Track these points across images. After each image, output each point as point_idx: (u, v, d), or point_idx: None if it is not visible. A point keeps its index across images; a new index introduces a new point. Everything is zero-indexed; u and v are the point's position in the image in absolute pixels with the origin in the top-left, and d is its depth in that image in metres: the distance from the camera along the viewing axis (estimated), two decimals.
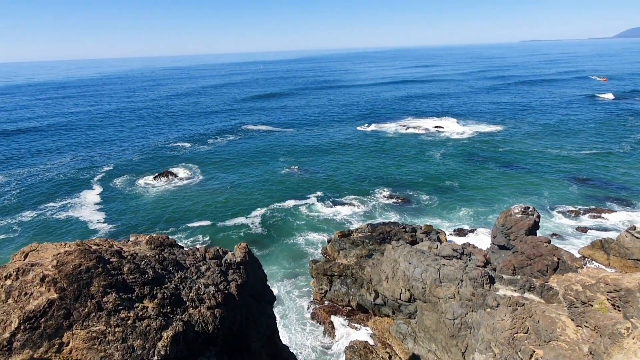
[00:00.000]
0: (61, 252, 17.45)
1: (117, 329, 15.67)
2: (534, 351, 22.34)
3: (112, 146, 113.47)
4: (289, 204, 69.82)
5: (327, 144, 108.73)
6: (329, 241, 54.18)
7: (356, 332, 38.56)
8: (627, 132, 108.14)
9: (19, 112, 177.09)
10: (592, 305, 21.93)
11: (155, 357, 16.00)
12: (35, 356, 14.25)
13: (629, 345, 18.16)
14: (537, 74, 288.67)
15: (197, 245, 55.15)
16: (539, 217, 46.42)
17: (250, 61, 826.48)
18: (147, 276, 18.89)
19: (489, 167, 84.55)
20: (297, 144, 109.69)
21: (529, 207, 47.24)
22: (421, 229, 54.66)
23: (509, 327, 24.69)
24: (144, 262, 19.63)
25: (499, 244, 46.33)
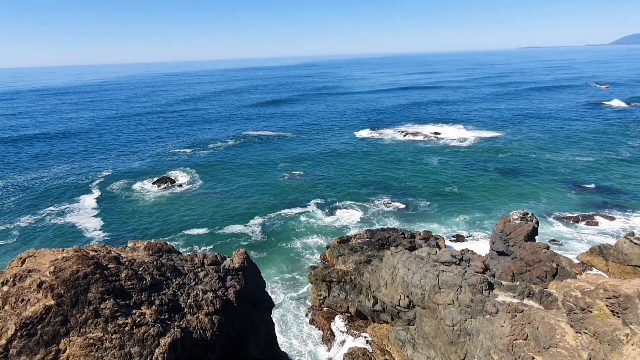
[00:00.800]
0: (59, 258, 17.40)
1: (114, 336, 15.59)
2: (534, 358, 22.26)
3: (111, 151, 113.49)
4: (287, 209, 69.76)
5: (326, 150, 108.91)
6: (327, 247, 54.08)
7: (355, 339, 38.36)
8: (627, 139, 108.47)
9: (19, 118, 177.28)
10: (591, 311, 21.89)
11: None
12: None
13: (628, 351, 18.11)
14: (537, 80, 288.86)
15: (195, 250, 55.06)
16: (537, 223, 46.47)
17: (249, 67, 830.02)
18: (145, 282, 18.83)
19: (488, 173, 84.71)
20: (296, 150, 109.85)
21: (527, 213, 47.29)
22: (420, 234, 54.62)
23: (508, 333, 24.61)
24: (142, 268, 19.58)
25: (498, 250, 46.30)
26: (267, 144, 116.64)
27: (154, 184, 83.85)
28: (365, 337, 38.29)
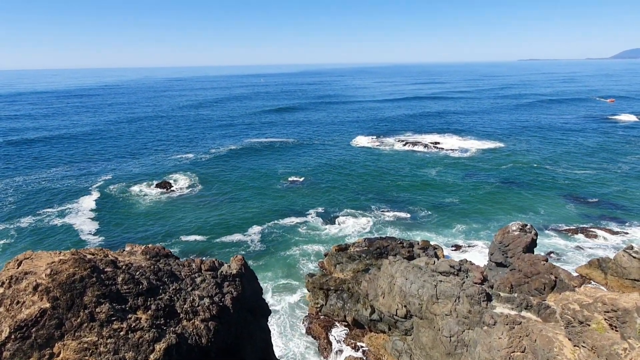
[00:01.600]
0: (55, 260, 17.33)
1: (109, 340, 15.48)
2: None
3: (112, 154, 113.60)
4: (286, 216, 69.65)
5: (327, 158, 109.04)
6: (325, 255, 53.91)
7: (351, 348, 38.08)
8: (629, 153, 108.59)
9: (21, 120, 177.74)
10: (589, 324, 21.77)
11: None
12: None
13: None
14: (540, 93, 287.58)
15: (192, 256, 54.82)
16: (536, 234, 46.38)
17: (251, 74, 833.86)
18: (141, 287, 18.73)
19: (488, 184, 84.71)
20: (296, 157, 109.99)
21: (526, 225, 47.22)
22: (418, 244, 54.48)
23: (506, 345, 24.46)
24: (138, 273, 19.49)
25: (497, 261, 46.16)
26: (268, 151, 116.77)
27: (153, 187, 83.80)
28: (362, 346, 38.02)
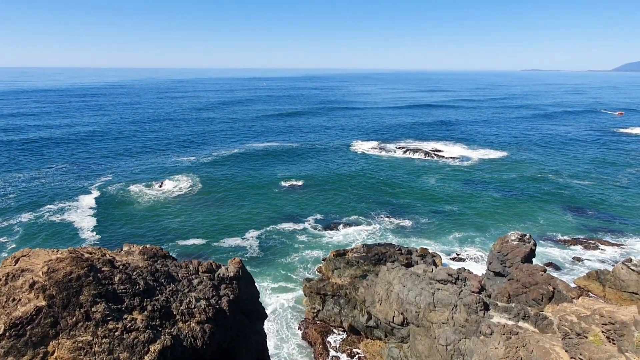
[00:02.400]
0: (53, 258, 17.28)
1: (104, 340, 15.40)
2: None
3: (113, 154, 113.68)
4: (285, 221, 69.60)
5: (327, 164, 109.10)
6: (323, 260, 53.79)
7: (347, 355, 37.87)
8: (631, 165, 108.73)
9: (23, 118, 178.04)
10: (586, 337, 21.67)
11: None
12: None
13: None
14: (545, 104, 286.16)
15: (189, 258, 54.67)
16: (535, 244, 46.29)
17: (253, 77, 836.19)
18: (138, 287, 18.66)
19: (488, 193, 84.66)
20: (296, 162, 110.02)
21: (525, 235, 47.15)
22: (417, 251, 54.35)
23: (502, 355, 24.33)
24: (135, 273, 19.43)
25: (495, 270, 46.02)
26: (268, 155, 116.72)
27: (153, 188, 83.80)
28: (357, 353, 37.83)
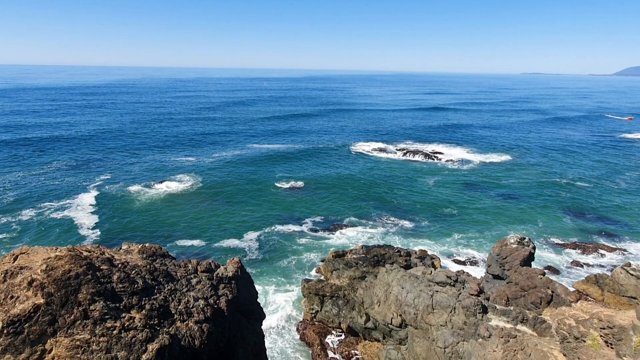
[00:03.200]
0: (51, 256, 17.28)
1: (101, 339, 15.39)
2: None
3: (112, 154, 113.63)
4: (284, 222, 69.58)
5: (327, 165, 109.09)
6: (322, 261, 53.78)
7: (345, 356, 37.85)
8: (632, 168, 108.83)
9: (24, 115, 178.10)
10: (585, 341, 21.67)
11: None
12: None
13: None
14: (552, 108, 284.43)
15: (187, 258, 54.63)
16: (534, 248, 46.29)
17: (255, 77, 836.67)
18: (136, 286, 18.66)
19: (488, 196, 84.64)
20: (296, 163, 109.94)
21: (524, 238, 47.14)
22: (416, 253, 54.36)
23: (501, 358, 24.32)
24: (134, 272, 19.43)
25: (494, 273, 46.03)
26: (268, 156, 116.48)
27: (153, 188, 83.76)
28: (355, 354, 37.81)
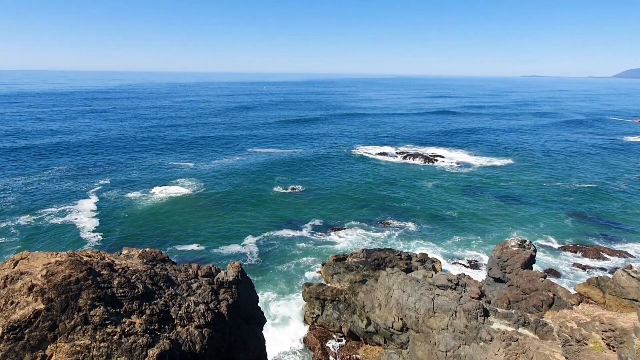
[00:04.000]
0: (52, 261, 17.25)
1: (102, 344, 15.34)
2: None
3: (112, 159, 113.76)
4: (284, 226, 69.54)
5: (327, 168, 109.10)
6: (323, 265, 53.68)
7: None
8: (632, 171, 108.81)
9: (24, 121, 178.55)
10: (586, 343, 21.58)
11: None
12: None
13: None
14: (556, 111, 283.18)
15: (187, 263, 54.50)
16: (535, 251, 46.24)
17: (254, 81, 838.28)
18: (136, 291, 18.62)
19: (489, 199, 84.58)
20: (296, 167, 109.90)
21: (525, 241, 47.10)
22: (417, 256, 54.26)
23: None
24: (134, 277, 19.39)
25: (495, 276, 45.94)
26: (269, 161, 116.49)
27: (153, 193, 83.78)
28: (357, 358, 37.66)
